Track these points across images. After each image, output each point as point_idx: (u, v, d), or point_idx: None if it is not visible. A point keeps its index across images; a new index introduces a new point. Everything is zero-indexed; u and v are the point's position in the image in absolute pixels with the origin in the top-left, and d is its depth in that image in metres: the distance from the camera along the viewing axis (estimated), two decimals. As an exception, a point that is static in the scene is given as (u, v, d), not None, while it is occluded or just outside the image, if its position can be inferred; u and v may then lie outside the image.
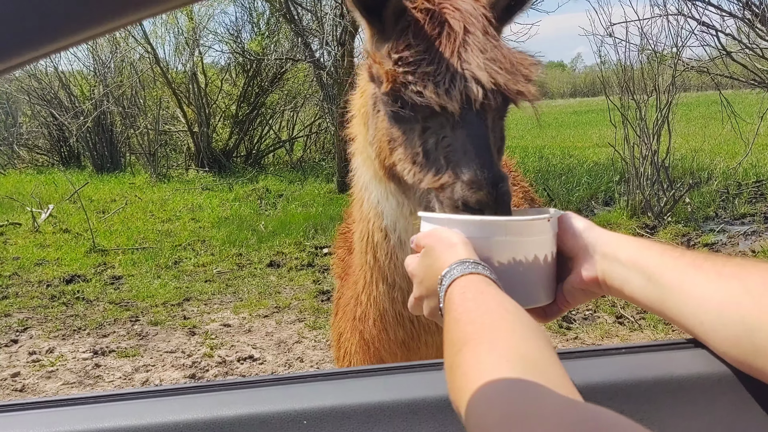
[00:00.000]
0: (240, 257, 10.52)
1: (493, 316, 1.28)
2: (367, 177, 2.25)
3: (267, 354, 6.99)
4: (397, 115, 1.88)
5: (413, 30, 1.84)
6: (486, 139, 1.77)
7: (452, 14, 1.84)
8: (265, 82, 21.19)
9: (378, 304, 2.40)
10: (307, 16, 16.85)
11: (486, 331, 1.24)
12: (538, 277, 1.64)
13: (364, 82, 2.20)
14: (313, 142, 23.26)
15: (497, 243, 1.59)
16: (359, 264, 2.48)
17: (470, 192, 1.69)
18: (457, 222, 1.63)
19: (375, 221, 2.29)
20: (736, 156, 15.60)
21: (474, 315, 1.30)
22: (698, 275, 1.39)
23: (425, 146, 1.84)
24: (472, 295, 1.37)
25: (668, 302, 1.43)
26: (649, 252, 1.51)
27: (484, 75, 1.74)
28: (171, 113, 22.67)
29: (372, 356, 2.56)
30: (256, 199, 15.64)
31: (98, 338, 7.51)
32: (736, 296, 1.29)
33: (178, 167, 21.77)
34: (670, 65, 11.38)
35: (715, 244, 9.86)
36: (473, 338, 1.23)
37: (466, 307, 1.33)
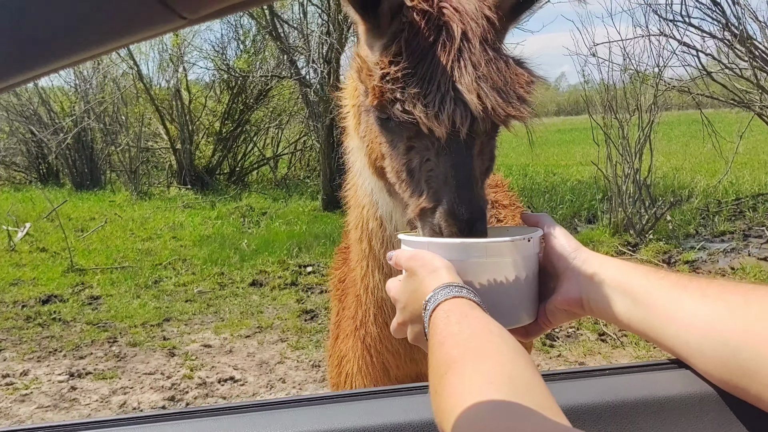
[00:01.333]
0: (222, 276, 10.39)
1: (478, 339, 1.28)
2: (361, 164, 2.18)
3: (248, 375, 6.87)
4: (383, 123, 1.83)
5: (407, 35, 1.74)
6: (469, 169, 1.71)
7: (452, 17, 1.75)
8: (250, 99, 21.15)
9: (376, 296, 2.33)
10: (293, 34, 16.85)
11: (470, 353, 1.24)
12: (520, 298, 1.66)
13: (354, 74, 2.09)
14: (298, 159, 23.22)
15: (477, 264, 1.61)
16: (356, 254, 2.42)
17: (446, 224, 1.67)
18: (436, 245, 1.64)
19: (370, 209, 2.23)
20: (716, 174, 15.82)
21: (458, 338, 1.29)
22: (683, 296, 1.41)
23: (409, 165, 1.79)
24: (456, 318, 1.37)
25: (653, 323, 1.46)
26: (633, 274, 1.53)
27: (474, 99, 1.66)
28: (153, 130, 22.55)
29: (376, 366, 2.47)
30: (239, 217, 15.53)
31: (75, 360, 7.35)
32: (721, 317, 1.32)
33: (160, 185, 21.63)
34: (652, 85, 11.51)
35: (695, 261, 9.91)
36: (458, 361, 1.23)
37: (450, 330, 1.33)
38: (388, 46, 1.78)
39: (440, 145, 1.71)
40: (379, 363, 2.46)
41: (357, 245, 2.37)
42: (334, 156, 15.33)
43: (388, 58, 1.74)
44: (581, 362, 6.82)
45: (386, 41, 1.80)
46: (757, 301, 1.29)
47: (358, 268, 2.40)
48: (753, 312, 1.27)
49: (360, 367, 2.52)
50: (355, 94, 2.11)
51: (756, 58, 9.52)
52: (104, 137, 22.09)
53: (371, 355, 2.46)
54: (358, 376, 2.54)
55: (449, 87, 1.68)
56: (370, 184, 2.15)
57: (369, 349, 2.46)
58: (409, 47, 1.73)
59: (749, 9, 9.87)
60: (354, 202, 2.36)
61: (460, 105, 1.67)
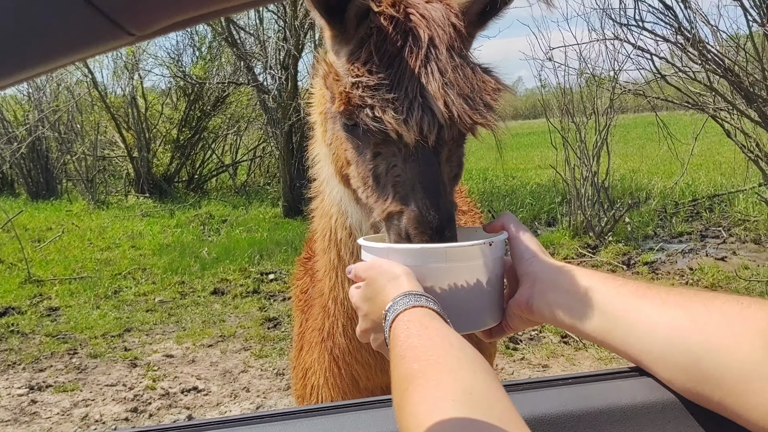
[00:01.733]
0: (183, 285, 10.29)
1: (438, 352, 1.27)
2: (329, 173, 2.15)
3: (212, 384, 6.82)
4: (349, 131, 1.82)
5: (375, 40, 1.74)
6: (437, 175, 1.72)
7: (419, 23, 1.76)
8: (207, 105, 20.97)
9: (346, 307, 2.27)
10: (249, 40, 16.76)
11: (431, 368, 1.23)
12: (483, 301, 1.65)
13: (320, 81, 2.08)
14: (258, 166, 23.08)
15: (438, 270, 1.60)
16: (323, 265, 2.37)
17: (415, 231, 1.66)
18: (396, 251, 1.63)
19: (338, 218, 2.19)
20: (672, 176, 16.08)
21: (418, 352, 1.29)
22: (643, 304, 1.41)
23: (375, 170, 1.79)
24: (416, 330, 1.36)
25: (613, 331, 1.45)
26: (591, 281, 1.53)
27: (441, 107, 1.67)
28: (109, 138, 22.22)
29: (344, 377, 2.43)
30: (199, 225, 15.38)
31: (34, 373, 7.21)
32: (683, 325, 1.32)
33: (117, 193, 21.31)
34: (608, 88, 11.66)
35: (654, 262, 10.07)
36: (418, 377, 1.22)
37: (410, 343, 1.32)
38: (355, 51, 1.78)
39: (408, 151, 1.71)
40: (348, 374, 2.42)
41: (324, 255, 2.33)
42: (293, 162, 15.29)
43: (357, 64, 1.73)
44: (545, 365, 6.91)
45: (353, 47, 1.80)
46: (717, 309, 1.31)
47: (326, 279, 2.35)
48: (714, 320, 1.29)
49: (327, 379, 2.48)
50: (322, 101, 2.09)
51: (708, 62, 9.73)
52: (59, 146, 21.68)
53: (339, 367, 2.42)
54: (324, 388, 2.50)
55: (417, 93, 1.68)
56: (339, 192, 2.13)
57: (337, 361, 2.42)
58: (377, 53, 1.73)
59: (700, 13, 10.08)
60: (321, 211, 2.31)
61: (427, 112, 1.67)
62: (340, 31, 1.85)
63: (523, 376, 6.62)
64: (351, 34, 1.82)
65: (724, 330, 1.27)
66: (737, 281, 8.64)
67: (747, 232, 11.29)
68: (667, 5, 10.07)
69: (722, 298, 1.34)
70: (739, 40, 10.51)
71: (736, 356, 1.23)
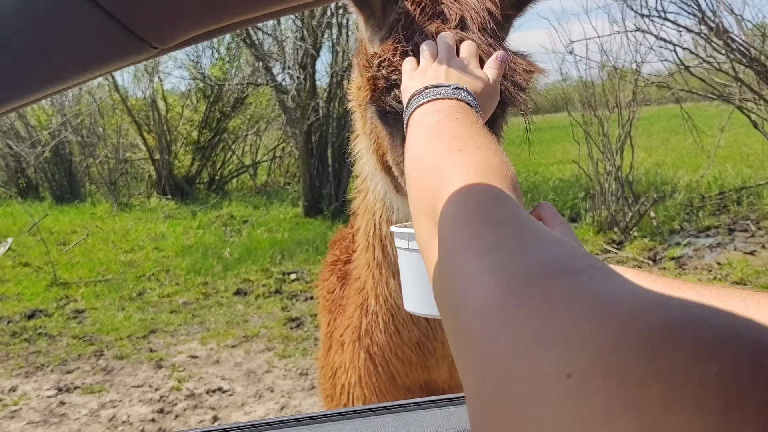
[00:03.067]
0: (206, 286, 10.34)
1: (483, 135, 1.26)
2: (371, 167, 2.14)
3: (236, 385, 6.84)
4: (382, 117, 1.81)
5: (403, 24, 1.73)
6: None
7: (450, 5, 1.75)
8: (226, 107, 21.03)
9: (388, 303, 2.26)
10: (267, 40, 16.81)
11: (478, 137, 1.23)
12: None
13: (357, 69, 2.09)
14: (277, 166, 23.11)
15: None
16: (364, 264, 2.35)
17: None
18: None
19: (382, 214, 2.17)
20: (698, 169, 15.85)
21: (465, 128, 1.26)
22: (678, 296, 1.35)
23: None
24: (436, 112, 1.33)
25: None
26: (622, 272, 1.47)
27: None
28: (131, 141, 22.37)
29: (381, 375, 2.41)
30: (221, 225, 15.45)
31: (62, 375, 7.28)
32: None
33: (140, 195, 21.44)
34: (630, 81, 11.53)
35: (681, 257, 9.94)
36: (470, 143, 1.20)
37: (450, 123, 1.29)
38: (385, 37, 1.77)
39: None
40: (386, 372, 2.40)
41: (366, 253, 2.31)
42: (313, 162, 15.30)
43: (384, 47, 1.73)
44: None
45: (384, 33, 1.79)
46: (756, 304, 1.26)
47: (368, 276, 2.33)
48: (751, 314, 1.22)
49: (361, 377, 2.45)
50: (359, 92, 2.06)
51: (733, 51, 9.60)
52: (82, 149, 21.87)
53: (376, 364, 2.40)
54: (357, 387, 2.47)
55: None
56: (383, 186, 2.11)
57: (374, 358, 2.39)
58: (405, 33, 1.72)
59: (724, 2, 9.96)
60: (364, 208, 2.29)
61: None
62: (368, 14, 1.84)
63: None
64: (380, 18, 1.81)
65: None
66: (767, 276, 8.51)
67: (776, 225, 11.13)
68: (689, -5, 9.95)
69: (760, 295, 1.29)
70: (765, 29, 10.35)
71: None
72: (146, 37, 0.78)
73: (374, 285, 2.31)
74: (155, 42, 0.80)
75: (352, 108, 2.24)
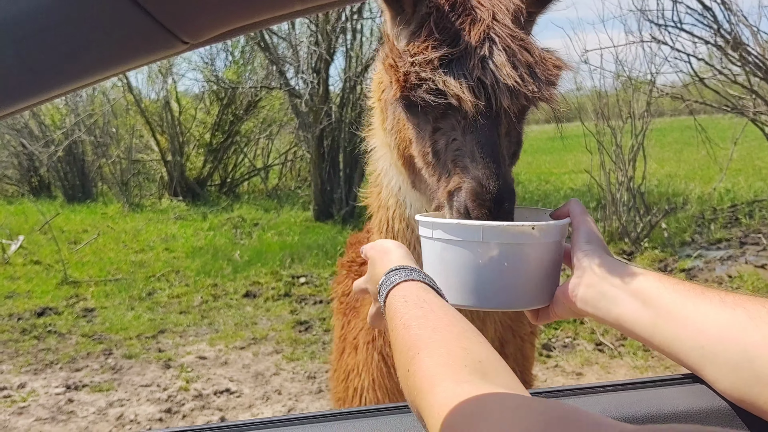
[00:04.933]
0: (215, 288, 10.36)
1: (443, 322, 1.32)
2: (387, 163, 2.17)
3: (244, 387, 6.85)
4: (409, 110, 1.83)
5: (435, 19, 1.75)
6: (496, 146, 1.71)
7: (480, 2, 1.77)
8: (239, 110, 21.10)
9: None
10: (282, 44, 16.86)
11: (439, 336, 1.28)
12: (533, 280, 1.67)
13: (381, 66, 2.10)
14: (289, 169, 23.16)
15: (474, 245, 1.63)
16: None
17: (472, 203, 1.66)
18: (439, 225, 1.67)
19: (396, 210, 2.20)
20: (710, 181, 15.79)
21: (423, 321, 1.33)
22: (701, 301, 1.38)
23: (435, 147, 1.79)
24: (415, 301, 1.41)
25: (662, 326, 1.42)
26: (644, 277, 1.50)
27: (507, 77, 1.67)
28: (144, 142, 22.48)
29: (393, 376, 2.39)
30: (231, 228, 15.48)
31: (71, 372, 7.31)
32: (741, 324, 1.29)
33: (151, 196, 21.53)
34: (644, 91, 11.50)
35: (692, 269, 9.89)
36: (428, 344, 1.26)
37: (413, 313, 1.37)
38: (415, 32, 1.80)
39: (467, 123, 1.71)
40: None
41: None
42: (324, 166, 15.33)
43: (416, 43, 1.75)
44: (578, 372, 6.83)
45: (414, 28, 1.82)
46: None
47: None
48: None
49: (374, 380, 2.47)
50: (381, 88, 2.10)
51: (748, 63, 9.56)
52: (95, 149, 22.00)
53: (389, 365, 2.41)
54: (370, 389, 2.49)
55: (478, 61, 1.69)
56: (397, 182, 2.13)
57: (386, 359, 2.41)
58: (438, 27, 1.74)
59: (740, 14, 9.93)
60: (378, 203, 2.31)
61: (488, 76, 1.68)
62: (397, 10, 1.87)
63: (557, 383, 6.54)
64: (410, 14, 1.84)
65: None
66: (777, 289, 8.47)
67: (787, 238, 11.05)
68: (705, 6, 9.93)
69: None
70: (781, 42, 10.31)
71: None
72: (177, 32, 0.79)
73: None
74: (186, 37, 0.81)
75: (371, 104, 2.26)
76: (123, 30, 0.81)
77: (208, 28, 0.82)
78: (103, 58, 0.87)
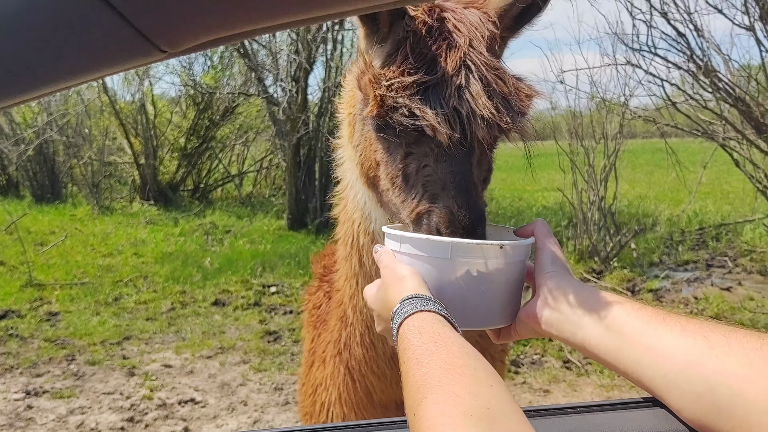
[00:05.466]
0: (184, 295, 10.24)
1: (455, 362, 1.28)
2: (353, 177, 2.15)
3: (209, 397, 6.76)
4: (381, 131, 1.81)
5: (411, 43, 1.75)
6: (469, 175, 1.71)
7: (456, 26, 1.77)
8: (216, 115, 21.00)
9: (365, 315, 2.26)
10: (261, 52, 16.82)
11: (448, 378, 1.25)
12: (485, 300, 1.65)
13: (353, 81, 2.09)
14: (264, 177, 23.07)
15: (442, 263, 1.61)
16: (344, 273, 2.36)
17: (445, 229, 1.65)
18: (408, 239, 1.65)
19: (361, 223, 2.18)
20: (680, 203, 16.03)
21: (436, 358, 1.30)
22: (662, 328, 1.38)
23: (406, 170, 1.78)
24: (430, 335, 1.37)
25: (625, 353, 1.42)
26: (608, 302, 1.50)
27: (483, 108, 1.67)
28: (117, 144, 22.26)
29: (359, 391, 2.41)
30: (203, 234, 15.35)
31: (31, 378, 7.16)
32: (702, 353, 1.30)
33: (122, 199, 21.31)
34: (618, 113, 11.66)
35: (659, 290, 10.00)
36: (436, 387, 1.23)
37: (427, 349, 1.34)
38: (391, 54, 1.79)
39: (440, 151, 1.70)
40: (363, 387, 2.40)
41: (345, 263, 2.32)
42: (300, 175, 15.29)
43: (393, 67, 1.74)
44: (546, 390, 6.84)
45: (389, 49, 1.81)
46: (737, 341, 1.29)
47: (346, 286, 2.34)
48: (733, 351, 1.27)
49: (340, 394, 2.46)
50: (351, 103, 2.09)
51: (719, 90, 9.74)
52: (66, 150, 21.74)
53: (354, 380, 2.40)
54: (336, 404, 2.48)
55: (454, 91, 1.69)
56: (363, 196, 2.12)
57: (352, 373, 2.40)
58: (413, 54, 1.74)
59: (713, 42, 10.10)
60: (344, 216, 2.30)
61: (464, 106, 1.67)
62: (373, 29, 1.86)
63: (524, 400, 6.55)
64: (385, 33, 1.83)
65: (743, 361, 1.25)
66: (742, 312, 8.57)
67: (753, 263, 11.23)
68: (679, 32, 10.09)
69: (743, 332, 1.31)
70: (751, 71, 10.51)
71: (753, 388, 1.21)
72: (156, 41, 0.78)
73: (351, 296, 2.31)
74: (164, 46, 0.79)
75: (340, 117, 2.25)
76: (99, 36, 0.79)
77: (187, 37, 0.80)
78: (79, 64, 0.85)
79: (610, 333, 1.45)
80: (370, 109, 1.75)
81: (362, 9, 1.05)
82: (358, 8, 1.00)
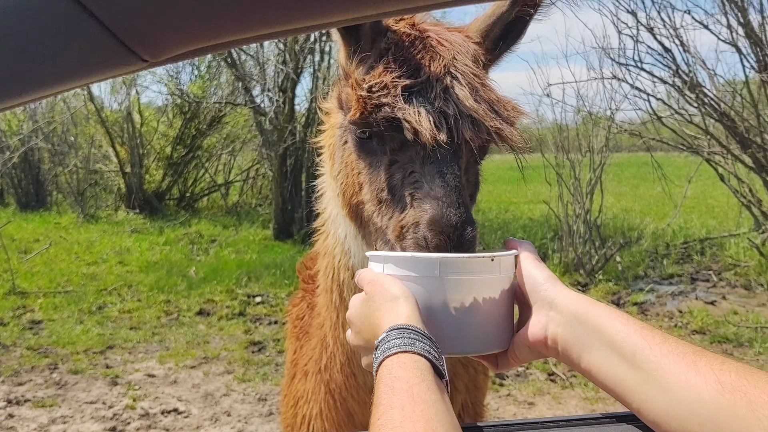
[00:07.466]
0: (168, 304, 10.18)
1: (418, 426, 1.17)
2: (335, 211, 2.12)
3: (193, 407, 6.71)
4: (363, 146, 1.78)
5: (394, 52, 1.74)
6: (458, 176, 1.65)
7: (439, 42, 1.77)
8: (203, 124, 20.95)
9: (345, 347, 2.22)
10: (249, 62, 16.83)
11: None
12: (494, 320, 1.54)
13: (332, 111, 2.08)
14: (250, 187, 22.99)
15: (432, 281, 1.49)
16: (324, 303, 2.32)
17: (431, 233, 1.58)
18: (391, 258, 1.54)
19: (341, 258, 2.14)
20: (665, 217, 16.10)
21: (396, 423, 1.19)
22: (694, 375, 1.23)
23: (391, 182, 1.73)
24: (399, 399, 1.24)
25: (648, 394, 1.28)
26: (624, 327, 1.35)
27: (470, 109, 1.65)
28: (103, 152, 22.15)
29: (340, 410, 2.37)
30: (188, 243, 15.28)
31: (13, 386, 7.09)
32: (741, 413, 1.15)
33: (107, 208, 21.18)
34: (604, 127, 11.74)
35: (644, 303, 10.04)
36: None
37: (392, 416, 1.21)
38: (374, 64, 1.77)
39: (426, 154, 1.66)
40: (344, 409, 2.37)
41: (326, 295, 2.28)
42: (287, 185, 15.27)
43: (376, 72, 1.72)
44: (530, 402, 6.84)
45: (373, 60, 1.79)
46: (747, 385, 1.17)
47: (327, 318, 2.31)
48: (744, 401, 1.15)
49: (321, 410, 2.42)
50: (330, 133, 2.09)
51: (704, 105, 9.85)
52: (52, 157, 21.61)
53: (335, 399, 2.36)
54: (318, 418, 2.43)
55: (441, 92, 1.66)
56: (344, 230, 2.08)
57: (333, 393, 2.36)
58: (397, 60, 1.72)
59: (699, 57, 10.24)
60: (325, 250, 2.26)
61: (453, 108, 1.65)
62: (355, 47, 1.84)
63: (509, 412, 6.55)
64: (368, 50, 1.81)
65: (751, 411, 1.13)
66: (726, 326, 8.61)
67: (737, 277, 11.28)
68: (665, 47, 10.22)
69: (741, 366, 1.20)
70: (736, 86, 10.64)
71: None
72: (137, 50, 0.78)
73: (332, 327, 2.28)
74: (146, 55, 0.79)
75: (321, 147, 2.23)
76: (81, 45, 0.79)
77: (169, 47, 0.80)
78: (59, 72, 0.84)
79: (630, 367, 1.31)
80: (353, 113, 1.72)
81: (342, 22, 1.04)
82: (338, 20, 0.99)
